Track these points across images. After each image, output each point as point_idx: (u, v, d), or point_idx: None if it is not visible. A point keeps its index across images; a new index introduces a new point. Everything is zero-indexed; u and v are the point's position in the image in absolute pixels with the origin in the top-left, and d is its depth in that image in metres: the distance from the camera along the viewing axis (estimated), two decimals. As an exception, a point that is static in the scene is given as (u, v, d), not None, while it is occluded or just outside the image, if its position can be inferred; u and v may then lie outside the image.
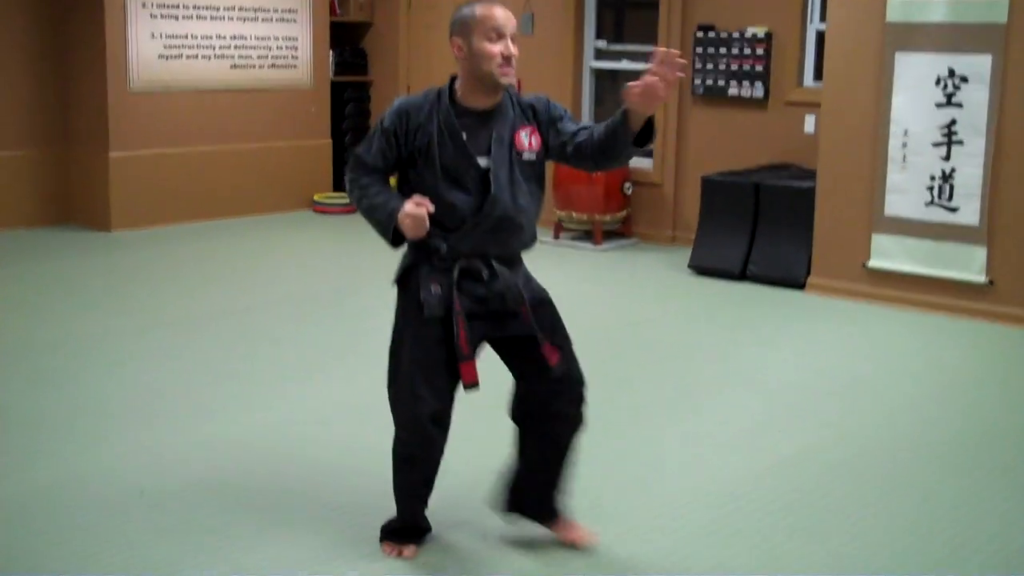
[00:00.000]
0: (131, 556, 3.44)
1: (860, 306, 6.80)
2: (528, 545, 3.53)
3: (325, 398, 4.98)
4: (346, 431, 4.58)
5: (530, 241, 3.35)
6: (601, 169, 3.36)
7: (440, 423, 3.33)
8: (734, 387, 5.24)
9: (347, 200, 9.90)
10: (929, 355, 5.87)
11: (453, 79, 3.29)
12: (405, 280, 3.31)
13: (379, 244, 3.34)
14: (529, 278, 3.37)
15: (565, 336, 3.37)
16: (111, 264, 7.81)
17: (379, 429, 4.57)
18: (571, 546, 3.50)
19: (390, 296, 3.43)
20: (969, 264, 6.50)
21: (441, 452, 3.40)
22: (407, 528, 3.49)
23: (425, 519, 3.52)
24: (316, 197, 10.01)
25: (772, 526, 3.73)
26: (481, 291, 3.24)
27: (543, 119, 3.29)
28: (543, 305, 3.35)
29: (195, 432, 4.51)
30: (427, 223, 3.10)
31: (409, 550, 3.46)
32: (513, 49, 3.16)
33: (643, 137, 3.20)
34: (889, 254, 6.80)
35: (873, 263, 6.86)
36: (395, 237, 3.23)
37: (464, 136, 3.19)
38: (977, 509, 3.91)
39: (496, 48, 3.14)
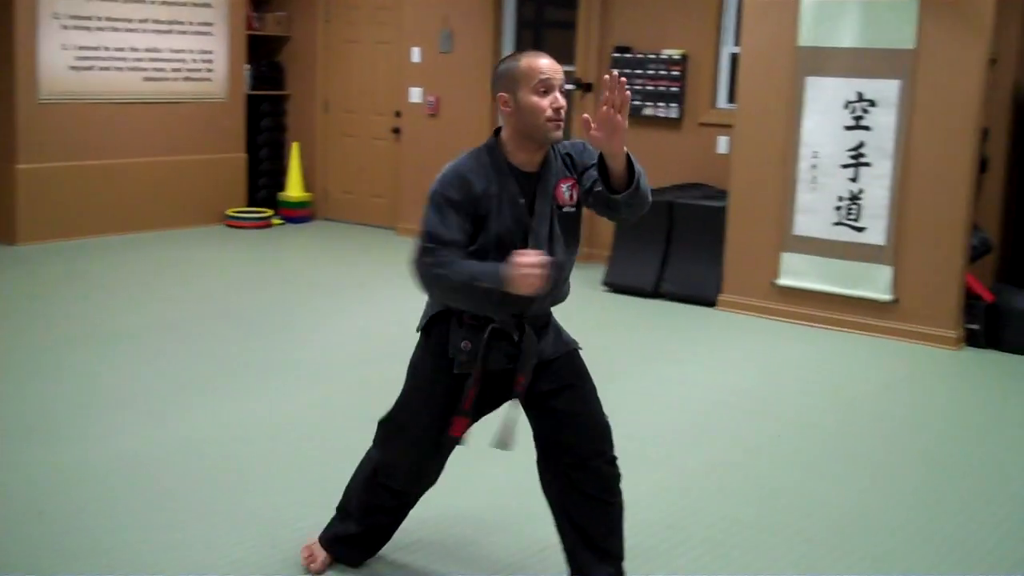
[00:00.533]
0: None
1: (769, 323, 6.91)
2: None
3: (238, 414, 4.91)
4: (260, 447, 4.52)
5: (564, 296, 3.26)
6: (627, 219, 3.12)
7: (427, 476, 3.34)
8: (645, 403, 5.28)
9: (260, 215, 9.86)
10: (836, 371, 5.98)
11: (497, 132, 3.10)
12: (430, 328, 3.18)
13: (292, 260, 3.31)
14: (559, 331, 3.28)
15: (588, 389, 3.23)
16: (16, 278, 7.63)
17: (293, 443, 4.54)
18: None
19: (301, 312, 3.39)
20: (875, 282, 6.64)
21: (414, 504, 3.41)
22: (340, 540, 3.43)
23: (367, 544, 3.46)
24: (229, 212, 9.90)
25: (680, 541, 3.76)
26: (512, 350, 3.11)
27: (579, 168, 3.12)
28: (567, 358, 3.23)
29: (101, 450, 4.42)
30: (546, 273, 2.87)
31: (320, 562, 3.43)
32: (562, 101, 2.99)
33: (631, 177, 2.99)
34: (798, 272, 6.92)
35: (782, 281, 6.98)
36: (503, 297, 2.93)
37: (523, 201, 3.03)
38: (882, 522, 3.98)
39: (545, 102, 2.97)
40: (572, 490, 3.19)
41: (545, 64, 3.00)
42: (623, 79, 2.92)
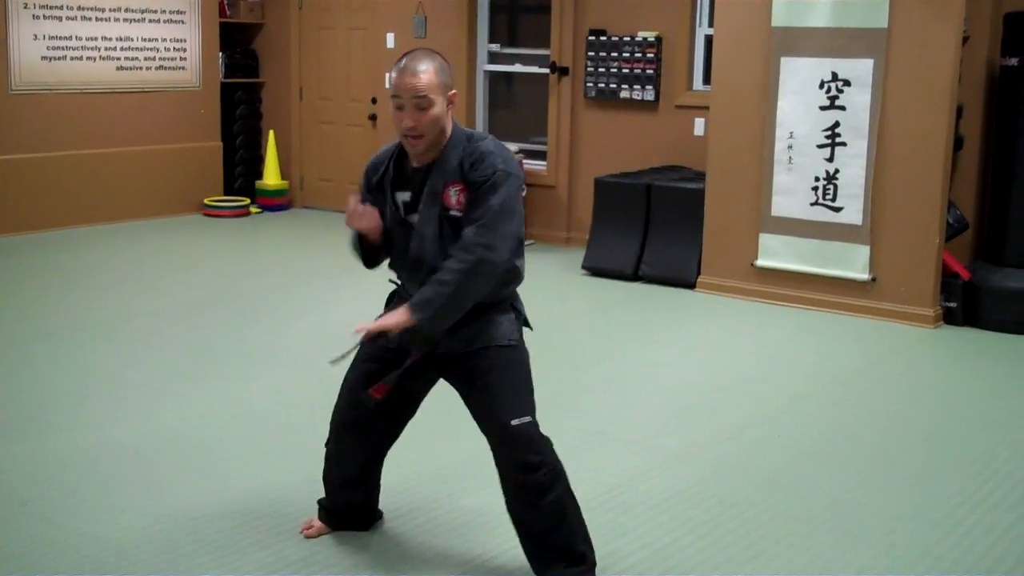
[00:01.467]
0: (15, 568, 3.34)
1: (749, 304, 6.94)
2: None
3: (216, 403, 4.90)
4: (238, 435, 4.52)
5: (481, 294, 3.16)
6: None
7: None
8: (625, 385, 5.30)
9: (237, 204, 9.82)
10: (815, 350, 6.01)
11: None
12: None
13: (271, 249, 3.32)
14: (484, 328, 3.21)
15: (491, 393, 3.18)
16: (-7, 270, 7.60)
17: (270, 432, 4.53)
18: None
19: (279, 300, 3.40)
20: (853, 262, 6.68)
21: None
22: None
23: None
24: (206, 201, 9.85)
25: (661, 523, 3.78)
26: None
27: (475, 180, 3.11)
28: (479, 356, 3.20)
29: (80, 440, 4.41)
30: (361, 218, 3.21)
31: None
32: (410, 122, 3.10)
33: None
34: (776, 253, 6.95)
35: (761, 262, 7.00)
36: (364, 252, 3.35)
37: (406, 197, 3.22)
38: (863, 500, 4.01)
39: (398, 116, 3.13)
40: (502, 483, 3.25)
41: (398, 79, 3.12)
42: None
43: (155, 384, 5.16)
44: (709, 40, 7.80)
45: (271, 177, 10.21)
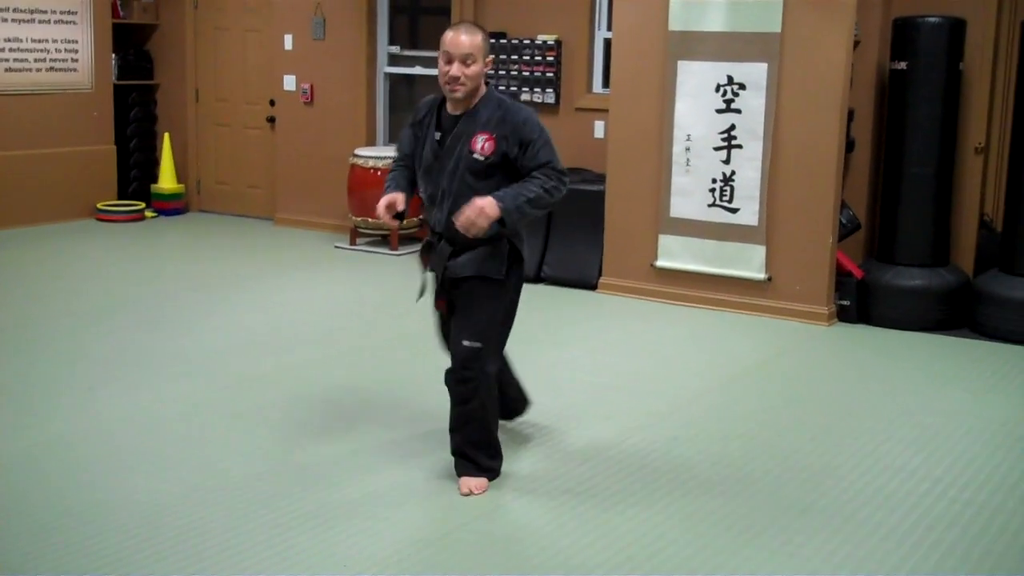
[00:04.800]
0: None
1: (650, 304, 7.00)
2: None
3: (108, 413, 4.79)
4: (131, 445, 4.41)
5: (479, 231, 3.82)
6: None
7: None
8: (527, 386, 5.29)
9: (132, 208, 9.62)
10: (713, 349, 6.09)
11: None
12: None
13: (167, 254, 3.24)
14: (485, 259, 3.95)
15: (467, 315, 3.99)
16: None
17: (168, 441, 4.44)
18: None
19: (176, 306, 3.31)
20: (749, 262, 6.78)
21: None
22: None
23: None
24: (99, 205, 9.63)
25: (563, 523, 3.78)
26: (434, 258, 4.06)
27: (509, 135, 3.87)
28: (474, 282, 3.96)
29: (-34, 453, 4.27)
30: (385, 213, 4.05)
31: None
32: (456, 71, 3.82)
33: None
34: (675, 254, 7.03)
35: (660, 263, 7.07)
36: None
37: (437, 135, 3.97)
38: (760, 496, 4.07)
39: (445, 69, 3.85)
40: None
41: (449, 37, 3.88)
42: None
43: (44, 394, 5.02)
44: (608, 43, 7.85)
45: (166, 181, 10.02)
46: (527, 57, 8.32)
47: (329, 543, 3.57)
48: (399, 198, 4.01)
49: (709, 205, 6.86)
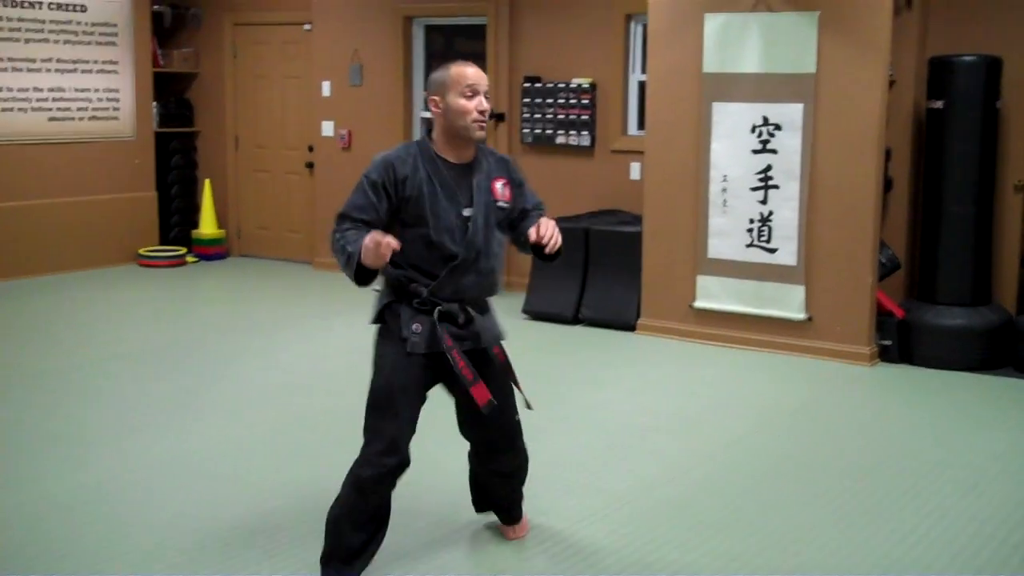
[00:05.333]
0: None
1: (688, 345, 6.99)
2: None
3: (154, 456, 4.83)
4: (176, 488, 4.44)
5: (497, 287, 3.66)
6: (523, 251, 3.70)
7: (406, 449, 3.46)
8: (567, 428, 5.30)
9: (173, 253, 9.73)
10: (754, 390, 6.06)
11: (428, 132, 3.55)
12: (382, 318, 3.51)
13: (210, 298, 3.28)
14: (495, 323, 3.66)
15: (509, 386, 3.72)
16: (-79, 325, 7.43)
17: (211, 484, 4.47)
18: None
19: (217, 350, 3.34)
20: (789, 302, 6.76)
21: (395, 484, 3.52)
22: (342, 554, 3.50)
23: (365, 548, 3.52)
24: (141, 251, 9.75)
25: (607, 565, 3.77)
26: (456, 331, 3.49)
27: (513, 178, 3.63)
28: (498, 350, 3.67)
29: (16, 496, 4.31)
30: (389, 252, 3.23)
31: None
32: (486, 105, 3.45)
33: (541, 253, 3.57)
34: (713, 295, 7.02)
35: (699, 303, 7.06)
36: (360, 273, 3.34)
37: (442, 189, 3.45)
38: (804, 539, 4.04)
39: (471, 104, 3.42)
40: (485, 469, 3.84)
41: (471, 72, 3.47)
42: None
43: (89, 437, 5.07)
44: (643, 85, 7.89)
45: (207, 226, 10.13)
46: (562, 100, 8.38)
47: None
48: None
49: (747, 245, 6.86)
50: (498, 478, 3.85)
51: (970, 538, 4.05)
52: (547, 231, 3.43)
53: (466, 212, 3.46)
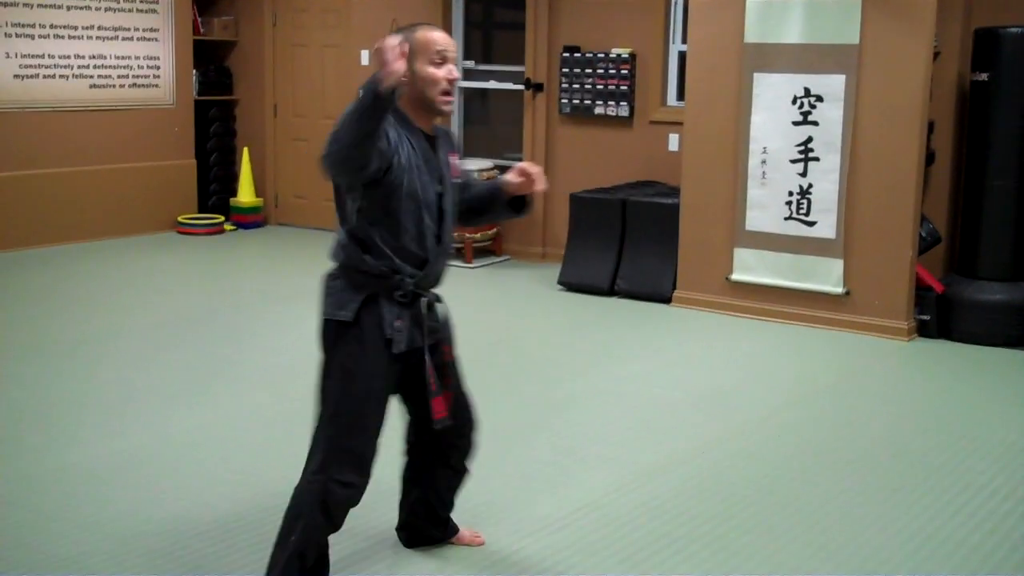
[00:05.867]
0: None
1: (724, 318, 6.95)
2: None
3: (190, 424, 4.87)
4: (212, 456, 4.49)
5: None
6: (463, 224, 3.44)
7: (372, 464, 3.18)
8: (600, 401, 5.30)
9: (211, 221, 9.78)
10: (790, 364, 6.03)
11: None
12: (360, 317, 3.08)
13: (247, 266, 3.29)
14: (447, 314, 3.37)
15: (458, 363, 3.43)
16: (-36, 290, 7.53)
17: (248, 453, 4.50)
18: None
19: (255, 319, 3.34)
20: (827, 276, 6.70)
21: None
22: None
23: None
24: (180, 218, 9.81)
25: (637, 535, 3.77)
26: (432, 324, 3.22)
27: (458, 151, 3.35)
28: (449, 332, 3.38)
29: (52, 461, 4.37)
30: (402, 58, 2.77)
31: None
32: (456, 73, 3.14)
33: (519, 204, 3.34)
34: (751, 268, 6.97)
35: (736, 276, 7.02)
36: (376, 107, 2.79)
37: (436, 158, 3.17)
38: (838, 513, 4.02)
39: (441, 73, 3.09)
40: (439, 462, 3.48)
41: (440, 36, 3.12)
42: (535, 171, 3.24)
43: (126, 405, 5.12)
44: (683, 56, 7.83)
45: (245, 194, 10.18)
46: (601, 71, 8.33)
47: (403, 556, 3.60)
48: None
49: (786, 218, 6.80)
50: (451, 472, 3.52)
51: (1006, 515, 4.01)
52: (529, 166, 3.22)
53: (438, 190, 3.16)
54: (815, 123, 6.65)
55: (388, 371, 3.13)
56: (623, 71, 8.25)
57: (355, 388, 3.10)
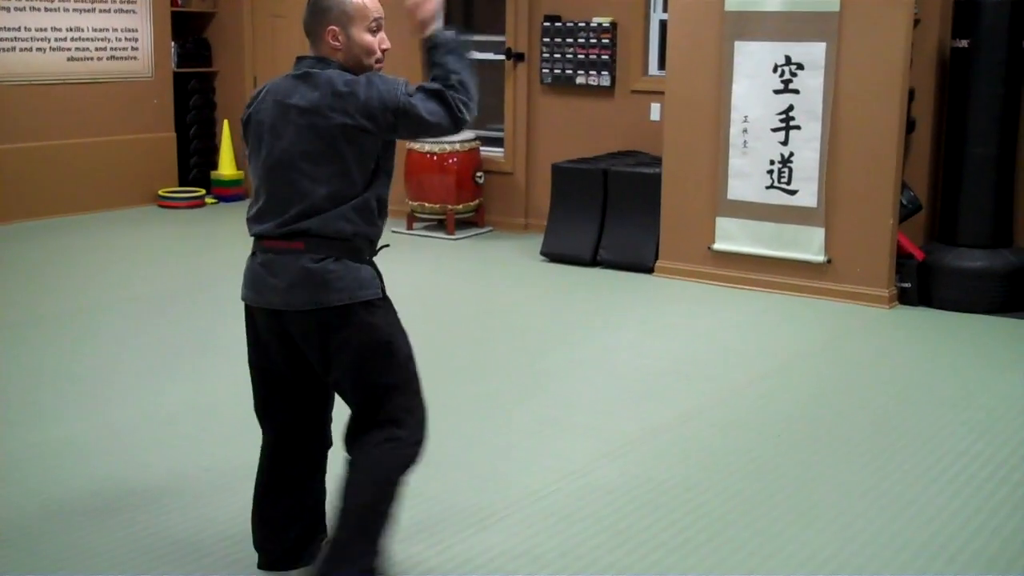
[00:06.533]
0: (-36, 566, 3.31)
1: (706, 288, 6.97)
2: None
3: (172, 398, 4.86)
4: (194, 431, 4.48)
5: None
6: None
7: None
8: (583, 371, 5.31)
9: (192, 194, 9.74)
10: (772, 333, 6.05)
11: (314, 59, 3.01)
12: (380, 287, 3.00)
13: (229, 240, 3.26)
14: None
15: None
16: (-57, 265, 7.49)
17: (228, 428, 4.50)
18: None
19: (235, 292, 3.31)
20: (808, 244, 6.72)
21: None
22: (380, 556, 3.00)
23: None
24: (161, 192, 9.76)
25: (619, 507, 3.79)
26: None
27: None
28: None
29: (32, 435, 4.36)
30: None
31: None
32: (387, 43, 3.07)
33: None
34: (733, 237, 6.98)
35: (718, 246, 7.03)
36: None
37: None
38: (819, 480, 4.04)
39: (375, 40, 3.03)
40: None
41: (375, 3, 3.03)
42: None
43: (108, 379, 5.11)
44: (664, 25, 7.80)
45: (226, 167, 10.12)
46: (582, 40, 8.30)
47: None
48: None
49: (767, 187, 6.81)
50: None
51: (985, 480, 4.05)
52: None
53: None
54: (796, 91, 6.64)
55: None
56: (604, 40, 8.22)
57: (407, 347, 3.02)
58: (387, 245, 3.15)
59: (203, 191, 9.96)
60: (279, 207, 2.96)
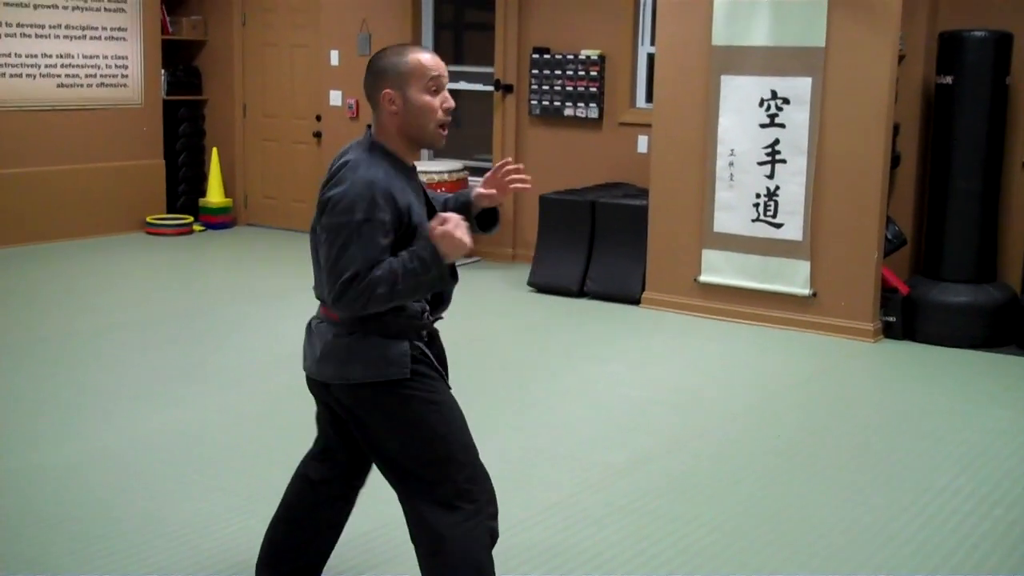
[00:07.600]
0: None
1: (693, 319, 6.99)
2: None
3: (158, 424, 4.85)
4: (180, 457, 4.47)
5: None
6: None
7: None
8: (569, 401, 5.32)
9: (180, 222, 9.74)
10: (757, 365, 6.07)
11: (371, 133, 2.88)
12: (415, 365, 2.82)
13: (217, 267, 3.27)
14: None
15: None
16: (-71, 291, 7.47)
17: (210, 453, 4.49)
18: None
19: (223, 319, 3.31)
20: (794, 277, 6.75)
21: None
22: None
23: None
24: (149, 219, 9.76)
25: (604, 535, 3.79)
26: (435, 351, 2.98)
27: None
28: None
29: (13, 461, 4.34)
30: (465, 229, 2.68)
31: None
32: (452, 101, 2.84)
33: (487, 220, 3.13)
34: (719, 269, 7.01)
35: (704, 278, 7.06)
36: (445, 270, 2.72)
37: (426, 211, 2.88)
38: (802, 513, 4.05)
39: (436, 101, 2.80)
40: (347, 509, 3.20)
41: (433, 60, 2.81)
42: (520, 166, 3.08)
43: (88, 405, 5.10)
44: (651, 58, 7.86)
45: (214, 195, 10.14)
46: (570, 72, 8.35)
47: (371, 552, 3.60)
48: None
49: (753, 220, 6.85)
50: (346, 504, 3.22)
51: (967, 515, 4.06)
52: (512, 166, 3.01)
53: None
54: (782, 125, 6.70)
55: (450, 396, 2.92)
56: (592, 73, 8.28)
57: (452, 415, 2.87)
58: (440, 318, 3.00)
59: (191, 218, 9.97)
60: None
